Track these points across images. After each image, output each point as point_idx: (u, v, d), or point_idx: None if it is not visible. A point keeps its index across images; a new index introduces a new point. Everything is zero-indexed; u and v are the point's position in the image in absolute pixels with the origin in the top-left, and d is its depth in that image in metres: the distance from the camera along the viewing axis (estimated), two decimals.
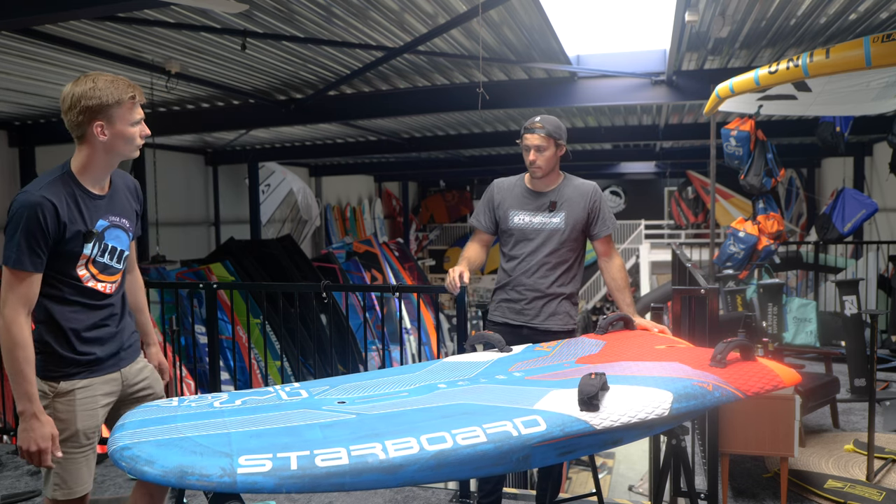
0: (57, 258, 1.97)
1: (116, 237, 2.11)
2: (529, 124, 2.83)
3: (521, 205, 2.88)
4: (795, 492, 3.40)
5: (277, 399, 1.95)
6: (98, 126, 1.95)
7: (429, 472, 1.54)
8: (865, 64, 3.31)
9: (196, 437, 1.60)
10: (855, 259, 8.50)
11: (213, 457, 1.50)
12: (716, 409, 3.09)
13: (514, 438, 1.61)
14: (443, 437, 1.59)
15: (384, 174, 18.55)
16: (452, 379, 2.15)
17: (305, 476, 1.47)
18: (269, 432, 1.65)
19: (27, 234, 1.89)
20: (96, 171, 2.03)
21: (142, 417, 1.74)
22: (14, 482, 3.69)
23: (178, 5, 3.97)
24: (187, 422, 1.71)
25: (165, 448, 1.54)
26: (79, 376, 2.04)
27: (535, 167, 2.82)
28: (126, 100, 1.96)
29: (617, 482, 11.63)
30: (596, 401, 1.73)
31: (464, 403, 1.85)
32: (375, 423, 1.72)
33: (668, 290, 10.92)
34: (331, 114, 7.31)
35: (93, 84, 1.94)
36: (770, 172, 4.91)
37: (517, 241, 2.87)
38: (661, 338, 2.50)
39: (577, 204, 2.85)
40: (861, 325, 4.73)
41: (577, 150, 13.22)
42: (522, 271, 2.85)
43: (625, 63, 6.00)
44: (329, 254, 13.10)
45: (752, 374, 1.94)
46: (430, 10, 4.69)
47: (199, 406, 1.85)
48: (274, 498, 3.42)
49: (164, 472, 1.48)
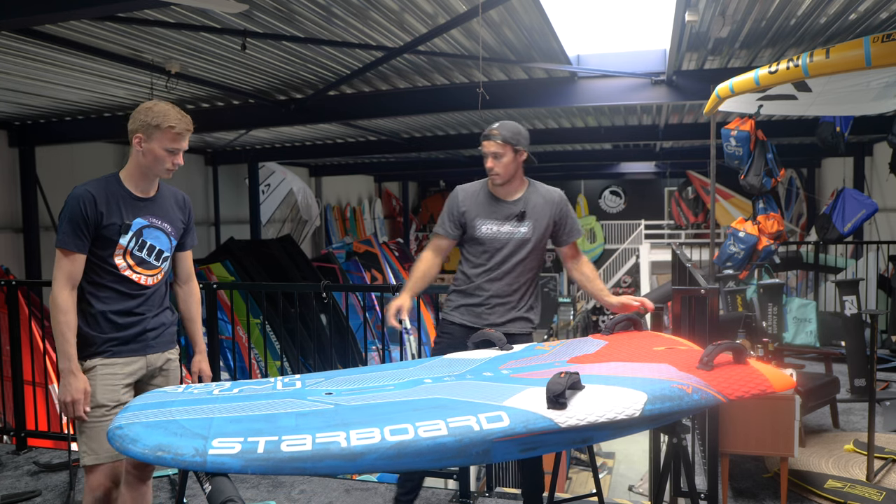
0: (97, 243, 2.32)
1: (156, 237, 2.44)
2: (487, 131, 2.82)
3: (487, 214, 2.86)
4: (795, 492, 3.40)
5: (272, 389, 2.08)
6: (137, 137, 2.33)
7: (388, 461, 1.63)
8: (865, 64, 3.31)
9: (182, 420, 1.74)
10: (855, 259, 8.49)
11: (190, 438, 1.63)
12: (716, 408, 3.09)
13: (474, 433, 1.67)
14: (405, 428, 1.67)
15: (384, 174, 18.56)
16: (440, 375, 2.21)
17: (270, 459, 1.58)
18: (248, 418, 1.78)
19: (70, 220, 2.28)
20: (136, 178, 2.39)
21: (145, 401, 1.90)
22: (14, 482, 3.69)
23: (178, 5, 3.97)
24: (181, 406, 1.85)
25: (151, 429, 1.68)
26: (102, 356, 2.36)
27: (494, 174, 2.80)
28: (165, 127, 2.32)
29: (617, 482, 11.63)
30: (563, 399, 1.74)
31: (439, 398, 1.92)
32: (348, 414, 1.82)
33: (668, 290, 10.91)
34: (331, 114, 7.31)
35: (151, 106, 2.35)
36: (770, 172, 4.90)
37: (485, 251, 2.86)
38: (663, 339, 2.50)
39: (543, 213, 2.87)
40: (861, 325, 4.72)
41: (577, 150, 13.23)
42: (487, 279, 2.85)
43: (625, 63, 6.00)
44: (329, 254, 13.10)
45: (739, 377, 1.92)
46: (430, 10, 4.69)
47: (199, 393, 2.00)
48: (274, 498, 3.42)
49: (145, 450, 1.62)
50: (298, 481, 3.63)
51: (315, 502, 3.38)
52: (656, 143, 12.05)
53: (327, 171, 15.81)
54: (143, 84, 6.23)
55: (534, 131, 10.34)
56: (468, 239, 2.89)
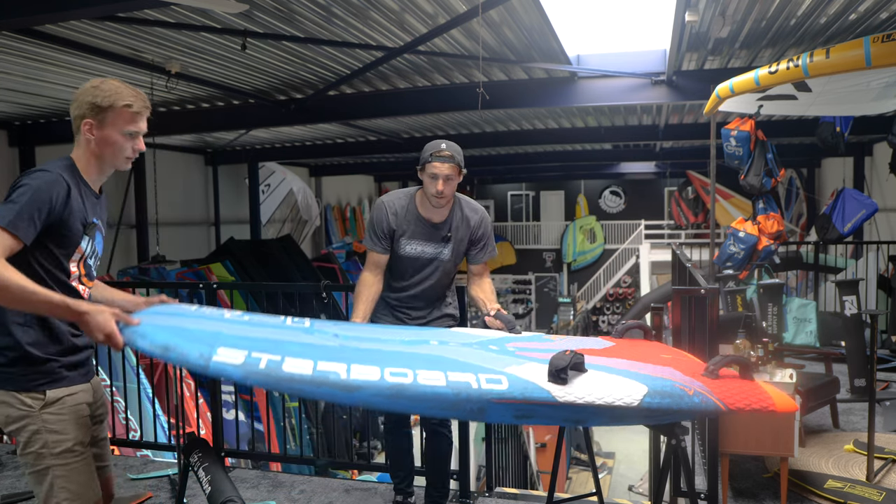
0: (58, 240, 1.90)
1: (100, 241, 2.07)
2: (437, 152, 2.70)
3: (413, 234, 2.84)
4: (795, 492, 3.40)
5: (282, 323, 2.17)
6: (87, 124, 1.94)
7: (384, 399, 1.67)
8: (865, 64, 3.31)
9: (192, 328, 1.84)
10: (855, 259, 8.49)
11: (197, 343, 1.70)
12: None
13: (472, 390, 1.71)
14: (405, 373, 1.71)
15: (384, 174, 18.56)
16: (447, 339, 2.27)
17: (270, 376, 1.64)
18: (254, 338, 1.84)
19: (32, 202, 1.80)
20: (90, 173, 2.00)
21: (158, 310, 1.99)
22: (14, 482, 3.69)
23: (178, 5, 3.97)
24: (194, 318, 1.96)
25: (162, 330, 1.77)
26: (64, 382, 1.94)
27: (442, 197, 2.73)
28: (120, 106, 1.93)
29: (617, 482, 11.64)
30: (564, 374, 1.78)
31: (442, 356, 1.97)
32: (352, 353, 1.88)
33: (668, 290, 10.92)
34: (331, 114, 7.31)
35: (98, 84, 1.95)
36: (770, 172, 4.90)
37: (406, 268, 2.88)
38: (671, 350, 2.54)
39: (463, 234, 2.89)
40: (861, 325, 4.72)
41: (578, 150, 13.22)
42: (411, 296, 2.90)
43: (625, 63, 6.00)
44: (329, 254, 13.11)
45: (743, 390, 1.93)
46: (430, 10, 4.69)
47: (212, 314, 2.11)
48: (274, 498, 3.42)
49: (152, 346, 1.70)
50: (298, 481, 3.64)
51: (315, 502, 3.38)
52: (656, 143, 12.05)
53: (327, 171, 15.81)
54: (143, 84, 6.22)
55: (534, 131, 10.35)
56: (392, 254, 2.88)
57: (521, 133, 10.45)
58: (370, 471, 5.45)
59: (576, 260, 21.60)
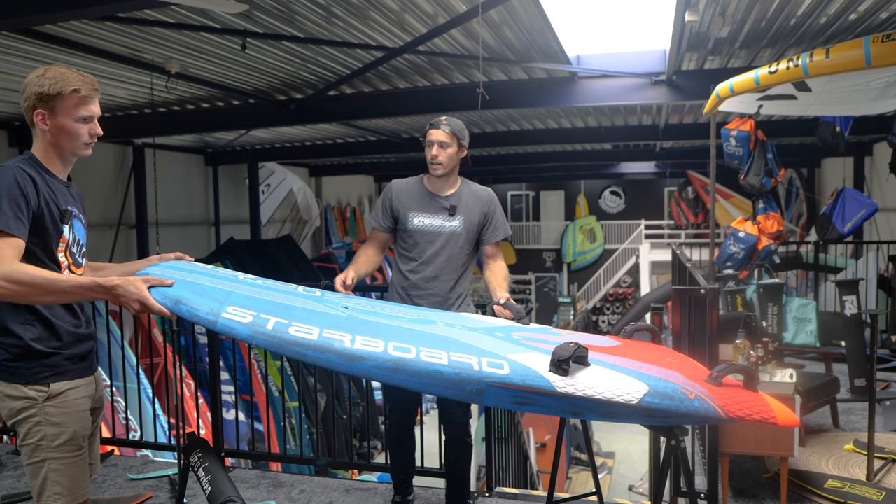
0: (41, 234, 1.88)
1: (79, 229, 2.03)
2: (434, 121, 2.87)
3: (420, 207, 2.90)
4: (795, 492, 3.40)
5: (293, 289, 2.23)
6: (39, 115, 1.92)
7: (385, 372, 1.71)
8: (865, 64, 3.31)
9: (205, 285, 1.88)
10: (855, 259, 8.49)
11: (208, 299, 1.76)
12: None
13: (473, 371, 1.73)
14: (408, 348, 1.75)
15: (384, 174, 18.55)
16: (453, 322, 2.28)
17: (275, 337, 1.70)
18: (265, 301, 1.90)
19: (11, 200, 1.79)
20: (53, 164, 1.96)
21: (173, 266, 2.06)
22: (14, 482, 3.69)
23: (178, 5, 3.97)
24: (208, 276, 2.00)
25: (176, 284, 1.82)
26: (68, 375, 1.95)
27: (437, 163, 2.82)
28: (68, 93, 1.90)
29: (617, 482, 11.63)
30: (566, 365, 1.79)
31: (447, 336, 1.99)
32: (359, 324, 1.92)
33: (668, 290, 10.92)
34: (331, 114, 7.31)
35: (42, 73, 1.92)
36: (770, 172, 4.91)
37: (416, 243, 2.89)
38: (678, 355, 2.53)
39: (473, 209, 2.90)
40: (861, 325, 4.72)
41: (578, 150, 13.22)
42: (422, 275, 2.87)
43: (625, 63, 6.00)
44: (329, 254, 13.12)
45: (744, 400, 1.91)
46: (430, 10, 4.69)
47: (226, 274, 2.16)
48: (274, 498, 3.42)
49: (164, 298, 1.75)
50: (298, 481, 3.64)
51: (315, 502, 3.38)
52: (656, 143, 12.06)
53: (327, 171, 15.81)
54: (143, 84, 6.23)
55: (534, 131, 10.35)
56: (401, 231, 2.92)
57: (521, 133, 10.45)
58: (370, 471, 5.45)
59: (576, 260, 21.61)
